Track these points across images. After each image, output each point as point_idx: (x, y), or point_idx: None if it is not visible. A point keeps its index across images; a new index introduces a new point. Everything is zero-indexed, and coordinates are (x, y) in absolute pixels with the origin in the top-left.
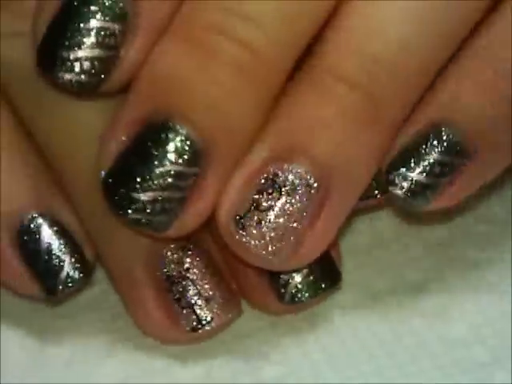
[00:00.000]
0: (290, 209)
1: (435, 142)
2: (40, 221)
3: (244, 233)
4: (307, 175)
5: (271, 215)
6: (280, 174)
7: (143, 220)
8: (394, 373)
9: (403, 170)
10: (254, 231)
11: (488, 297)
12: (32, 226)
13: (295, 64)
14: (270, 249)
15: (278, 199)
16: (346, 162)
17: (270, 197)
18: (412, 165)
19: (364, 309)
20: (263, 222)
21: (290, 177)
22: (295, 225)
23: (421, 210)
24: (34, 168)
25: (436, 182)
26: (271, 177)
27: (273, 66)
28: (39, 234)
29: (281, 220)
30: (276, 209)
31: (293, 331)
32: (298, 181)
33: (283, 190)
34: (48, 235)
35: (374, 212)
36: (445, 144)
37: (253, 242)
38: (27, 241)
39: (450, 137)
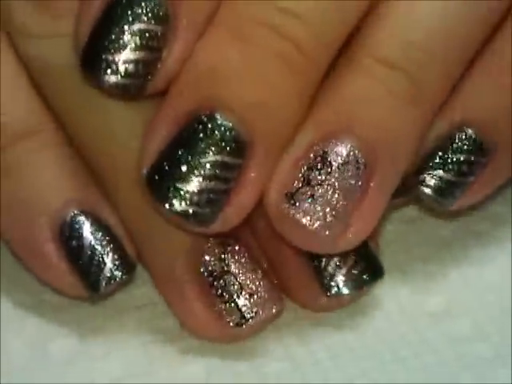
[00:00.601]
0: (340, 184)
1: (460, 142)
2: (82, 218)
3: (296, 208)
4: (355, 151)
5: (322, 190)
6: (328, 150)
7: (189, 211)
8: (397, 367)
9: (432, 169)
10: (306, 205)
11: (491, 294)
12: (74, 223)
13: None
14: (321, 224)
15: (328, 174)
16: (390, 139)
17: (320, 173)
18: (440, 164)
19: (366, 307)
20: (314, 197)
21: (339, 153)
22: (345, 200)
23: (447, 208)
24: (73, 166)
25: (463, 180)
26: (321, 154)
27: (316, 59)
28: (81, 231)
29: (331, 195)
30: (326, 184)
31: (296, 329)
32: (346, 157)
33: (333, 165)
34: (90, 232)
35: None
36: (469, 143)
37: (305, 218)
38: (70, 238)
39: (474, 136)
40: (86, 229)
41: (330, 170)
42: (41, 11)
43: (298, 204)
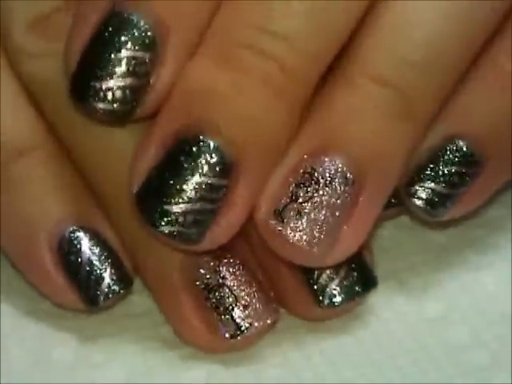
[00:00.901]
0: (328, 201)
1: (451, 154)
2: (80, 233)
3: (284, 225)
4: (343, 168)
5: (310, 207)
6: (317, 167)
7: (176, 232)
8: (395, 374)
9: (423, 181)
10: (294, 223)
11: (488, 301)
12: (72, 238)
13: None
14: (309, 240)
15: (316, 192)
16: (379, 155)
17: (308, 190)
18: (431, 176)
19: (363, 313)
20: (302, 214)
21: (327, 170)
22: (333, 216)
23: (439, 219)
24: (72, 181)
25: (454, 192)
26: (309, 171)
27: (303, 79)
28: (80, 247)
29: (319, 212)
30: (314, 201)
31: (292, 335)
32: (334, 174)
33: (321, 182)
34: (88, 247)
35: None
36: (460, 155)
37: (292, 234)
38: (68, 253)
39: (465, 148)
40: (84, 244)
41: (317, 186)
42: (36, 30)
43: (285, 221)
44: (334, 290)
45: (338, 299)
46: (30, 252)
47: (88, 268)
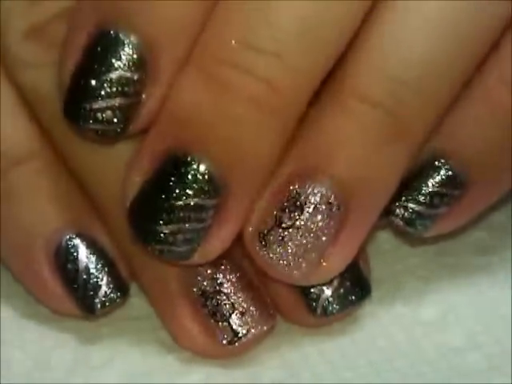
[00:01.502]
0: (312, 227)
1: (434, 174)
2: (77, 241)
3: (267, 249)
4: (328, 193)
5: (293, 232)
6: (302, 192)
7: (166, 250)
8: (392, 374)
9: (403, 200)
10: (276, 247)
11: (485, 304)
12: (69, 246)
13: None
14: (291, 264)
15: (300, 217)
16: (366, 180)
17: (292, 215)
18: (411, 195)
19: (361, 316)
20: (285, 239)
21: (312, 195)
22: (316, 241)
23: (419, 236)
24: (69, 189)
25: (434, 212)
26: (294, 195)
27: (292, 97)
28: (76, 255)
29: (302, 237)
30: (298, 226)
31: (290, 337)
32: (319, 199)
33: (305, 208)
34: (85, 255)
35: None
36: (443, 176)
37: (275, 258)
38: (65, 261)
39: (449, 170)
40: (81, 252)
41: (301, 211)
42: (33, 39)
43: (268, 245)
44: (328, 299)
45: (331, 308)
46: (28, 260)
47: (85, 276)
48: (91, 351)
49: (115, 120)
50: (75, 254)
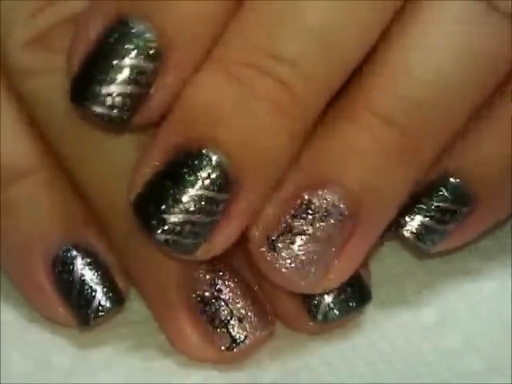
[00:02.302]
0: (321, 234)
1: (445, 191)
2: (74, 252)
3: (275, 254)
4: (339, 203)
5: (303, 239)
6: (313, 200)
7: (171, 241)
8: (391, 376)
9: (414, 213)
10: (285, 253)
11: (484, 307)
12: (66, 257)
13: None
14: (299, 272)
15: (311, 224)
16: (376, 193)
17: (302, 221)
18: (422, 210)
19: (361, 320)
20: (294, 245)
21: (323, 203)
22: (325, 250)
23: (426, 251)
24: (69, 199)
25: (443, 228)
26: (305, 202)
27: (308, 103)
28: (73, 265)
29: (311, 244)
30: (307, 233)
31: (290, 340)
32: (330, 208)
33: (316, 215)
34: (81, 266)
35: None
36: (454, 194)
37: (283, 264)
38: (61, 271)
39: (460, 187)
40: (78, 263)
41: (312, 219)
42: (33, 47)
43: (277, 250)
44: (329, 305)
45: (332, 315)
46: (26, 270)
47: (79, 287)
48: (90, 354)
49: (123, 107)
50: (71, 265)
